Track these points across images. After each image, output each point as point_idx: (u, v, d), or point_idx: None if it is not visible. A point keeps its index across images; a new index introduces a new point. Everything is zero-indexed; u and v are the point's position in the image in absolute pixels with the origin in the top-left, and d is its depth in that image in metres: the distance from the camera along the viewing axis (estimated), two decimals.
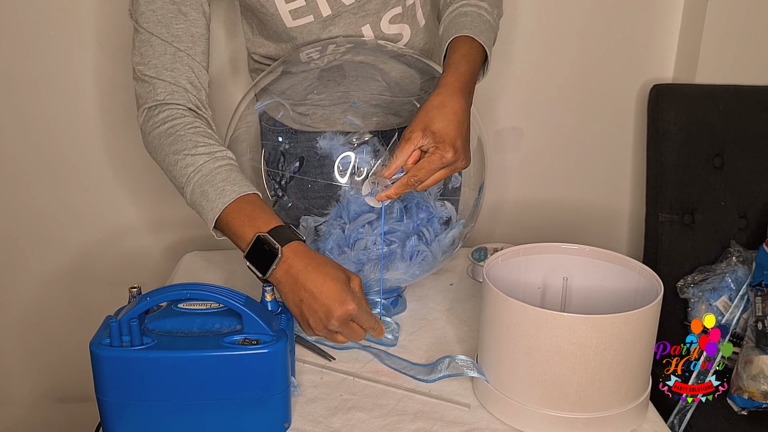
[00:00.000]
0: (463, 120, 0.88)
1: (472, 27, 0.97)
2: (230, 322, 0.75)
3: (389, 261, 0.95)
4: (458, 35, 0.96)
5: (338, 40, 1.03)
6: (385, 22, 1.04)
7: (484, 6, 1.01)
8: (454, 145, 0.85)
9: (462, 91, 0.89)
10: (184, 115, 0.92)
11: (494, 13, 1.02)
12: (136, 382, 0.71)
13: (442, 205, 0.99)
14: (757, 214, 1.44)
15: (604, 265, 0.88)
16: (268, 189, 1.00)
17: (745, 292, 1.28)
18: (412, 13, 1.06)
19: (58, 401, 1.68)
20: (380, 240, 0.96)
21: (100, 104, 1.45)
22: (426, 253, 0.97)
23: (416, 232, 0.98)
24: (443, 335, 0.99)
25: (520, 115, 1.56)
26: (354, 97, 0.99)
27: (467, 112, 0.89)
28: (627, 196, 1.65)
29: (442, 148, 0.84)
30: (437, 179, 0.87)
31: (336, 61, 1.00)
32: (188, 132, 0.91)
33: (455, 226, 0.99)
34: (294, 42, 1.04)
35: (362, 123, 0.97)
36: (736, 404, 1.18)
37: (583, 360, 0.73)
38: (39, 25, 1.37)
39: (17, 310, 1.59)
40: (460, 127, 0.87)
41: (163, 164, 0.93)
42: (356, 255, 0.95)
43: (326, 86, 1.00)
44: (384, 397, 0.84)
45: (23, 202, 1.50)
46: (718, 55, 1.46)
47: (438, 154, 0.84)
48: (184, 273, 1.20)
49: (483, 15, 1.00)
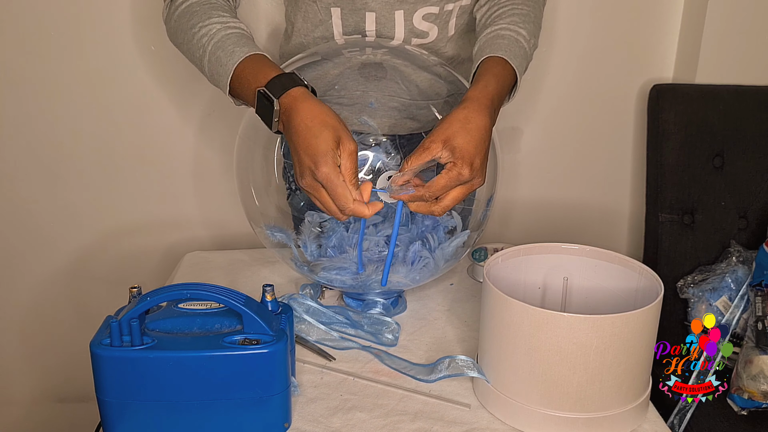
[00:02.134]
0: (486, 138, 0.85)
1: (507, 50, 0.95)
2: (230, 322, 0.75)
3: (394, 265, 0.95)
4: (492, 55, 0.95)
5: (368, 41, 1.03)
6: (418, 16, 1.03)
7: (523, 33, 0.99)
8: (472, 163, 0.83)
9: (488, 108, 0.87)
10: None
11: (531, 42, 1.00)
12: (136, 382, 0.71)
13: (449, 215, 0.99)
14: (757, 214, 1.44)
15: (604, 265, 0.88)
16: (285, 182, 1.01)
17: (745, 292, 1.28)
18: (446, 19, 1.05)
19: (58, 401, 1.68)
20: (381, 242, 0.96)
21: (99, 104, 1.45)
22: (428, 259, 0.97)
23: (420, 238, 0.98)
24: (443, 335, 0.99)
25: (520, 115, 1.56)
26: (372, 97, 0.99)
27: (490, 131, 0.87)
28: (627, 196, 1.65)
29: (460, 165, 0.82)
30: (456, 198, 0.84)
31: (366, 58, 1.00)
32: (203, 7, 0.94)
33: (459, 236, 0.99)
34: (327, 11, 1.03)
35: (377, 124, 0.97)
36: (736, 404, 1.18)
37: (583, 360, 0.73)
38: (39, 25, 1.37)
39: (17, 310, 1.59)
40: (481, 145, 0.84)
41: (183, 45, 0.96)
42: (356, 255, 0.95)
43: (345, 84, 1.00)
44: (384, 397, 0.84)
45: (23, 202, 1.50)
46: (718, 55, 1.46)
47: (455, 171, 0.82)
48: (184, 273, 1.20)
49: (520, 41, 0.98)
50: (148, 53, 1.42)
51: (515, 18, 1.00)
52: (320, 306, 1.00)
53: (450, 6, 1.04)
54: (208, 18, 0.93)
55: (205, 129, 1.49)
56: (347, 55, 1.01)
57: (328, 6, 1.03)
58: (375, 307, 1.02)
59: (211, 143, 1.50)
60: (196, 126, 1.49)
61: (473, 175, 0.83)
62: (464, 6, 1.06)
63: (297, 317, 0.97)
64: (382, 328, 0.98)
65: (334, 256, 0.97)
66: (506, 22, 0.99)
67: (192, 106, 1.47)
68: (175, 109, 1.47)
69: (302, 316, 0.98)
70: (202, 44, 0.92)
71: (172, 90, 1.45)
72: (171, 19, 0.97)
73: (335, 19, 1.04)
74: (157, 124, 1.47)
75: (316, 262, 0.98)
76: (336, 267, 0.96)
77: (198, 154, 1.51)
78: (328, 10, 1.03)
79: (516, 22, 0.99)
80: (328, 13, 1.04)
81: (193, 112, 1.47)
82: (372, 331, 0.97)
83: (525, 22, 1.00)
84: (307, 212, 0.99)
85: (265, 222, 1.01)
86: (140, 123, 1.47)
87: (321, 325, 0.97)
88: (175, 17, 0.96)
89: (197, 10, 0.94)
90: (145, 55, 1.42)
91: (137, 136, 1.48)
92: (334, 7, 1.03)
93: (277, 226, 1.00)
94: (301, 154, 0.81)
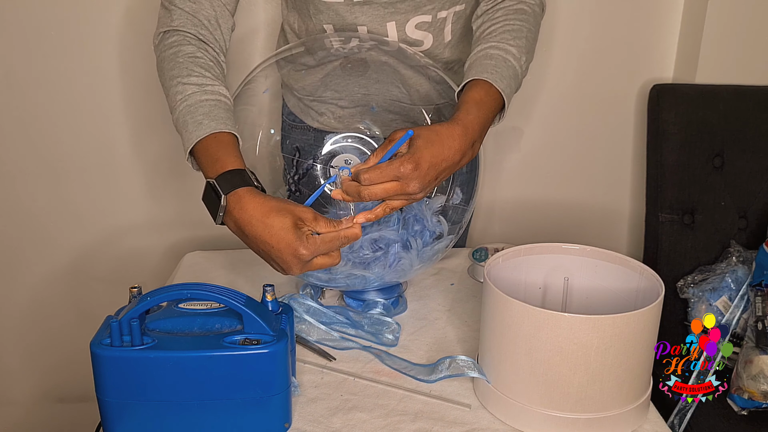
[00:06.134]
0: (452, 166, 0.85)
1: (493, 72, 0.93)
2: (231, 322, 0.75)
3: (370, 264, 0.95)
4: (478, 77, 0.92)
5: (362, 36, 1.02)
6: (411, 26, 1.02)
7: (513, 51, 0.96)
8: (423, 181, 0.82)
9: (470, 137, 0.86)
10: (190, 43, 0.93)
11: (522, 60, 0.97)
12: (136, 382, 0.71)
13: (438, 221, 0.99)
14: (757, 214, 1.44)
15: (604, 265, 0.88)
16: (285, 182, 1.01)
17: (745, 292, 1.28)
18: (441, 27, 1.04)
19: (58, 401, 1.68)
20: (366, 244, 0.96)
21: (99, 104, 1.45)
22: (405, 260, 0.96)
23: (404, 241, 0.98)
24: (444, 335, 0.99)
25: (520, 115, 1.56)
26: (373, 101, 0.99)
27: (460, 155, 0.85)
28: (627, 196, 1.65)
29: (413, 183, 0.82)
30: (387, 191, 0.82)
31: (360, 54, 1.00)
32: (187, 60, 0.91)
33: (443, 240, 0.99)
34: (318, 19, 1.03)
35: (379, 128, 0.97)
36: (736, 404, 1.18)
37: (584, 360, 0.73)
38: (39, 25, 1.37)
39: (18, 310, 1.59)
40: (443, 173, 0.84)
41: (164, 88, 0.93)
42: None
43: (345, 86, 1.00)
44: (384, 398, 0.84)
45: (23, 202, 1.50)
46: (718, 55, 1.46)
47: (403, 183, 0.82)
48: (185, 273, 1.20)
49: (509, 60, 0.95)
50: (149, 52, 1.41)
51: (506, 35, 0.97)
52: (321, 306, 1.00)
53: (443, 13, 1.03)
54: (188, 76, 0.90)
55: None
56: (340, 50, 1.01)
57: (321, 22, 1.03)
58: (375, 307, 1.02)
59: None
60: None
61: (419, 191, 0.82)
62: (459, 11, 1.04)
63: (297, 317, 0.97)
64: (382, 328, 0.98)
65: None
66: (496, 40, 0.96)
67: None
68: None
69: (303, 316, 0.98)
70: (176, 101, 0.90)
71: None
72: (158, 56, 0.95)
73: (330, 32, 1.04)
74: (157, 124, 1.47)
75: None
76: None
77: None
78: (322, 26, 1.04)
79: (506, 39, 0.97)
80: (322, 29, 1.04)
81: None
82: (372, 332, 0.97)
83: (516, 38, 0.97)
84: None
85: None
86: (140, 123, 1.47)
87: (321, 325, 0.97)
88: (162, 58, 0.94)
89: (181, 62, 0.91)
90: (146, 54, 1.41)
91: (137, 135, 1.48)
92: (326, 24, 1.03)
93: None
94: (276, 252, 0.80)
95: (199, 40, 0.93)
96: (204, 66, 0.91)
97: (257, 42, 1.44)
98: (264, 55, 1.44)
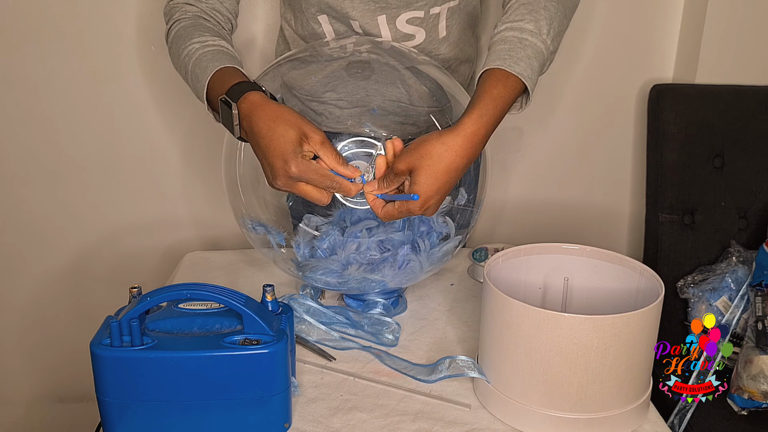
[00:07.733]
0: (452, 179, 0.84)
1: (507, 57, 0.86)
2: (230, 322, 0.75)
3: (379, 266, 0.95)
4: (491, 67, 0.87)
5: (358, 39, 1.03)
6: (401, 20, 1.02)
7: (528, 28, 0.88)
8: (425, 203, 0.83)
9: (475, 145, 0.84)
10: (190, 18, 0.99)
11: (543, 33, 0.89)
12: (136, 382, 0.71)
13: (444, 221, 0.99)
14: (757, 214, 1.44)
15: (604, 265, 0.88)
16: None
17: (745, 292, 1.28)
18: (434, 23, 1.04)
19: (58, 401, 1.68)
20: (373, 246, 0.96)
21: (99, 104, 1.45)
22: (414, 263, 0.97)
23: (412, 242, 0.98)
24: (444, 335, 0.99)
25: (520, 115, 1.55)
26: (373, 101, 0.99)
27: (462, 170, 0.84)
28: (627, 196, 1.65)
29: (425, 213, 0.84)
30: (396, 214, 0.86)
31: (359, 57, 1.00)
32: (188, 29, 0.98)
33: (451, 241, 0.99)
34: (310, 12, 1.04)
35: (380, 130, 0.97)
36: (736, 404, 1.18)
37: (584, 360, 0.73)
38: (39, 25, 1.37)
39: (18, 310, 1.59)
40: (443, 188, 0.83)
41: (177, 68, 0.99)
42: (346, 257, 0.95)
43: (345, 87, 1.00)
44: (384, 398, 0.84)
45: (23, 202, 1.50)
46: (718, 55, 1.46)
47: (406, 208, 0.83)
48: (185, 273, 1.20)
49: (526, 39, 0.88)
50: (149, 53, 1.42)
51: (521, 10, 0.90)
52: (320, 306, 1.00)
53: (436, 9, 1.02)
54: (190, 39, 0.96)
55: (206, 128, 1.49)
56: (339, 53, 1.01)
57: (315, 14, 1.04)
58: (375, 307, 1.02)
59: (211, 143, 1.50)
60: (197, 126, 1.48)
61: (422, 211, 0.84)
62: (453, 7, 1.03)
63: (297, 317, 0.97)
64: (382, 328, 0.98)
65: (324, 257, 0.97)
66: (511, 19, 0.90)
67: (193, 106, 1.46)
68: (176, 109, 1.47)
69: (302, 317, 0.98)
70: (185, 64, 0.95)
71: (174, 90, 1.44)
72: (168, 43, 1.01)
73: (325, 26, 1.05)
74: (157, 124, 1.47)
75: (306, 263, 0.98)
76: (322, 268, 0.96)
77: (199, 154, 1.51)
78: (316, 18, 1.04)
79: (522, 15, 0.90)
80: (317, 22, 1.05)
81: (193, 112, 1.47)
82: (372, 332, 0.97)
83: (532, 11, 0.89)
84: (306, 215, 0.99)
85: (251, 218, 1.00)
86: (141, 123, 1.47)
87: (321, 326, 0.97)
88: (170, 43, 1.00)
89: (182, 34, 0.97)
90: (146, 54, 1.42)
91: (137, 135, 1.48)
92: (320, 15, 1.04)
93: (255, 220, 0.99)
94: (270, 157, 0.82)
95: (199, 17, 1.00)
96: (204, 29, 0.98)
97: (257, 42, 1.44)
98: (264, 55, 1.44)
